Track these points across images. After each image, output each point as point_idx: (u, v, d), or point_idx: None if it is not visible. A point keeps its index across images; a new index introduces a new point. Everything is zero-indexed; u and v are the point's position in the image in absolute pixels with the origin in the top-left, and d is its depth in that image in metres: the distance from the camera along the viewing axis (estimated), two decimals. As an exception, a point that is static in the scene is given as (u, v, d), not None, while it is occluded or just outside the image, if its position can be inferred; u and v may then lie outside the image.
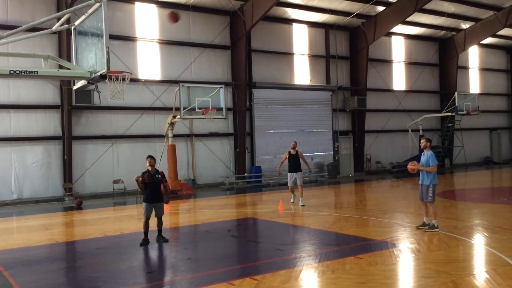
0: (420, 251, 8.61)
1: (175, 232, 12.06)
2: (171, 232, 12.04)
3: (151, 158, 10.36)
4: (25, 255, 9.45)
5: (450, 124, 30.75)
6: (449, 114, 28.34)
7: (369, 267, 7.55)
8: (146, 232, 10.02)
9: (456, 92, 27.85)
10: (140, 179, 10.00)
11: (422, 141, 10.51)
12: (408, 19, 26.04)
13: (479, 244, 9.14)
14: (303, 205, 14.78)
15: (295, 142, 15.76)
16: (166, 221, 13.68)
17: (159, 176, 10.16)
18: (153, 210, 10.06)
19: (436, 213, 10.42)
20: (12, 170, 18.48)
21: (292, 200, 15.62)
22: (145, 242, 9.88)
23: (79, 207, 16.99)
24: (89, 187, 19.67)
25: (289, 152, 15.32)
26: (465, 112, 27.62)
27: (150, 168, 10.15)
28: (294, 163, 15.17)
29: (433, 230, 10.10)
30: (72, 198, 18.42)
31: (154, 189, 10.03)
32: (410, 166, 10.32)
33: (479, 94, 31.64)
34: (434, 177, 10.19)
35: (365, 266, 7.64)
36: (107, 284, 7.33)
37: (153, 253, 9.35)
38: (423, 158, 10.32)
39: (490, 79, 34.66)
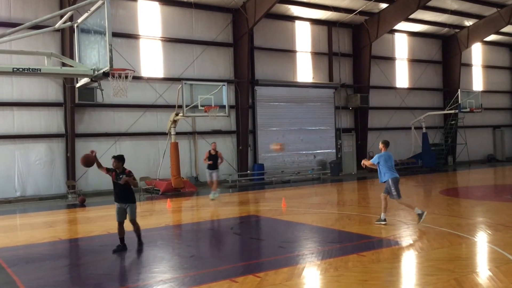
0: (423, 248, 8.61)
1: (178, 229, 12.08)
2: (173, 229, 12.07)
3: (115, 159, 9.78)
4: (29, 252, 9.49)
5: (453, 122, 30.68)
6: (452, 111, 28.27)
7: (371, 265, 7.55)
8: (121, 238, 9.26)
9: (459, 90, 27.77)
10: (105, 168, 9.76)
11: (380, 144, 11.14)
12: (411, 16, 25.96)
13: (482, 242, 9.13)
14: (213, 199, 16.58)
15: (215, 143, 17.36)
16: (169, 219, 13.73)
17: (124, 175, 9.37)
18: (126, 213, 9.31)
19: (409, 204, 10.99)
20: (15, 167, 18.54)
21: (211, 197, 16.78)
22: (118, 249, 9.08)
23: (82, 204, 17.02)
24: (92, 185, 19.71)
25: (209, 152, 16.90)
26: (468, 109, 27.54)
27: (115, 167, 9.56)
28: (214, 162, 16.87)
29: (421, 219, 10.50)
30: (75, 196, 18.47)
31: (122, 189, 9.33)
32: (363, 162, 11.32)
33: (482, 91, 31.52)
34: (385, 174, 10.77)
35: (367, 263, 7.64)
36: (110, 281, 7.36)
37: (156, 251, 9.36)
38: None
39: (494, 76, 34.55)
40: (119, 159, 9.70)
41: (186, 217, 14.22)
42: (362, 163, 11.50)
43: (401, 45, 29.82)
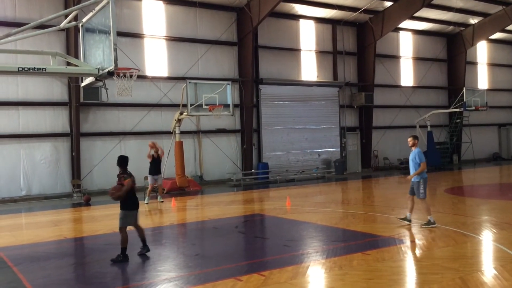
0: (428, 247, 8.59)
1: (183, 228, 12.10)
2: (178, 228, 12.10)
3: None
4: (34, 251, 9.53)
5: (458, 120, 30.57)
6: (457, 110, 28.14)
7: (376, 263, 7.55)
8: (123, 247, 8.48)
9: (464, 88, 27.64)
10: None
11: (409, 139, 10.67)
12: (416, 14, 25.88)
13: (487, 241, 9.10)
14: (162, 201, 16.41)
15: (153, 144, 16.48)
16: (174, 218, 13.77)
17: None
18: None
19: (429, 209, 10.50)
20: (20, 166, 18.63)
21: (146, 202, 16.04)
22: (118, 259, 8.30)
23: (87, 203, 17.09)
24: (97, 184, 19.78)
25: (152, 156, 16.11)
26: (473, 107, 27.40)
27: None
28: (156, 166, 16.18)
29: (430, 226, 10.14)
30: (80, 195, 18.54)
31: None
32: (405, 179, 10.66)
33: (488, 89, 31.40)
34: (423, 172, 10.33)
35: (372, 262, 7.63)
36: (115, 280, 7.38)
37: (161, 250, 9.38)
38: (411, 156, 10.55)
39: (499, 74, 34.39)
40: (119, 160, 9.09)
41: (190, 216, 14.24)
42: (408, 178, 10.63)
43: (406, 43, 29.73)
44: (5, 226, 12.81)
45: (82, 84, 10.50)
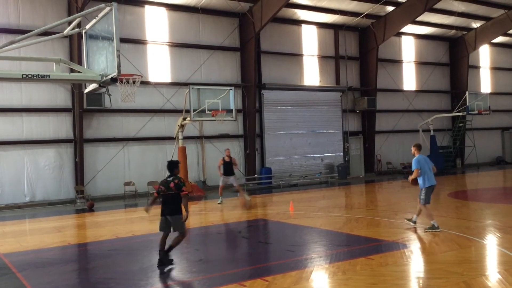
0: (432, 251, 8.57)
1: (186, 233, 12.09)
2: (182, 233, 12.09)
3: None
4: (38, 257, 9.55)
5: (461, 124, 30.54)
6: (460, 114, 28.14)
7: (380, 268, 7.53)
8: (160, 250, 8.42)
9: (467, 92, 27.65)
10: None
11: (412, 148, 10.83)
12: (418, 18, 25.92)
13: (491, 245, 9.07)
14: (249, 199, 16.79)
15: (228, 149, 17.44)
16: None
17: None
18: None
19: (430, 214, 10.50)
20: (24, 172, 18.68)
21: (219, 201, 16.93)
22: (159, 263, 8.25)
23: (91, 209, 17.12)
24: (101, 189, 19.81)
25: (224, 159, 16.90)
26: (476, 111, 27.39)
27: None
28: (228, 168, 16.90)
29: (433, 230, 10.13)
30: (84, 201, 18.58)
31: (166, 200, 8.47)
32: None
33: (491, 93, 31.39)
34: (425, 180, 10.37)
35: (376, 267, 7.62)
36: (119, 286, 7.39)
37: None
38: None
39: (502, 78, 34.35)
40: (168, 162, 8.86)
41: (194, 221, 14.23)
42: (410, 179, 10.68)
43: (408, 48, 29.75)
44: (9, 232, 12.84)
45: (86, 91, 10.56)
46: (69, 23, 10.20)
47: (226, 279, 7.29)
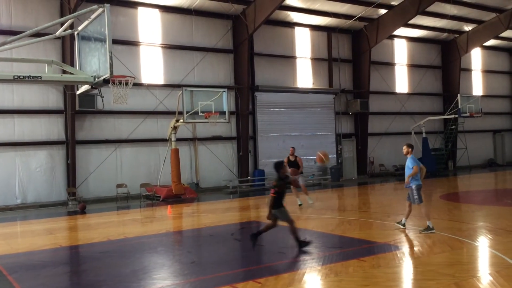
0: (424, 253, 8.60)
1: (179, 236, 12.08)
2: (174, 235, 12.08)
3: None
4: (29, 259, 9.49)
5: (453, 127, 30.70)
6: (452, 116, 28.27)
7: (372, 270, 7.55)
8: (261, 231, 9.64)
9: (459, 94, 27.79)
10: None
11: (403, 147, 10.78)
12: (411, 21, 26.05)
13: (482, 246, 9.12)
14: (312, 203, 15.84)
15: (293, 148, 16.27)
16: (170, 225, 13.75)
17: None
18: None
19: (428, 214, 10.53)
20: (16, 174, 18.56)
21: (299, 203, 15.66)
22: (252, 238, 9.46)
23: (82, 211, 17.04)
24: (93, 192, 19.72)
25: (288, 158, 15.79)
26: (468, 114, 27.54)
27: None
28: (294, 167, 15.72)
29: (429, 231, 10.14)
30: (75, 203, 18.48)
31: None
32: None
33: (482, 96, 31.57)
34: (417, 179, 10.40)
35: (368, 268, 7.64)
36: (111, 288, 7.36)
37: (157, 257, 9.37)
38: (407, 162, 10.64)
39: (493, 81, 34.60)
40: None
41: (186, 223, 14.22)
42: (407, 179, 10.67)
43: (400, 51, 29.89)
44: (0, 235, 12.75)
45: (78, 92, 10.53)
46: (62, 24, 10.15)
47: (218, 281, 7.28)
